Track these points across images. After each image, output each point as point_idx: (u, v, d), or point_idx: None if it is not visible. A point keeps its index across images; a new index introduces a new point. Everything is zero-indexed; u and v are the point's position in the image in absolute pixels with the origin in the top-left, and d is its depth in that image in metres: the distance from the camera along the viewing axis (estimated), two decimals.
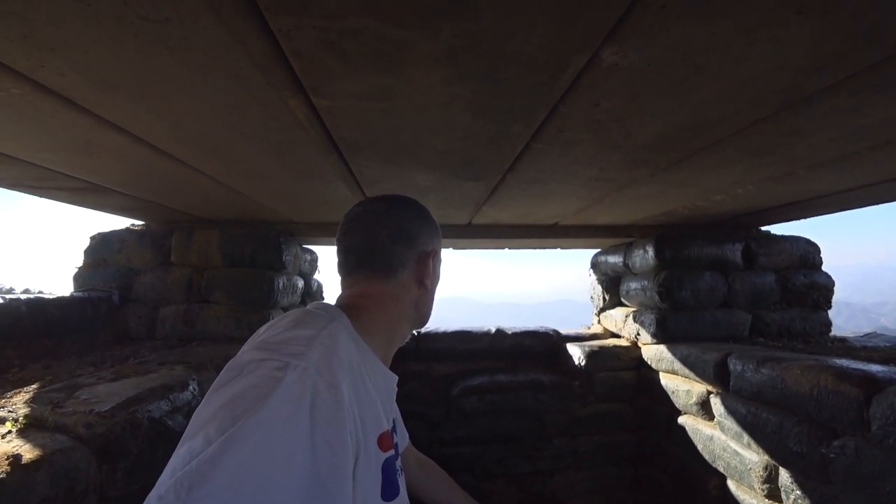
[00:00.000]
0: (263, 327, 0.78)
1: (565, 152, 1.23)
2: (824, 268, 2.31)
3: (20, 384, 1.27)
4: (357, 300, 0.89)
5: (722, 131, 1.10)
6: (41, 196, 1.65)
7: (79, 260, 2.11)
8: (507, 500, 2.14)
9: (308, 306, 0.87)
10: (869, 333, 2.22)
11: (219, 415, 0.56)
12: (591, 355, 2.23)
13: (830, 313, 2.27)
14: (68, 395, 1.17)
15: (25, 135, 1.10)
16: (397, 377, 0.99)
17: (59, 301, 1.72)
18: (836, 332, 2.27)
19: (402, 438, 1.22)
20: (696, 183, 1.53)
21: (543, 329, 2.54)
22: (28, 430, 0.98)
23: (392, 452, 0.83)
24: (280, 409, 0.57)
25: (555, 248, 2.58)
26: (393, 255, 0.86)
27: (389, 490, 0.80)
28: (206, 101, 0.92)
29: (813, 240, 2.30)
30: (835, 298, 2.27)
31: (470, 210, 1.91)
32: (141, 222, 2.18)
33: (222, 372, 0.65)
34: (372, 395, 0.78)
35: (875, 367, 1.29)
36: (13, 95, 0.88)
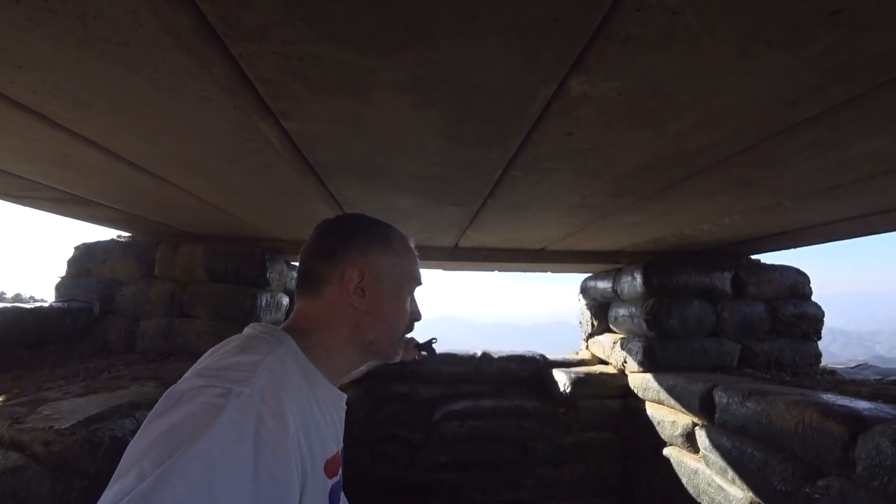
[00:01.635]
0: (206, 353, 0.75)
1: (543, 179, 1.22)
2: (821, 295, 2.28)
3: None
4: (295, 321, 0.87)
5: (702, 162, 1.09)
6: (26, 205, 1.65)
7: (63, 269, 2.10)
8: None
9: (253, 329, 0.83)
10: (860, 364, 2.18)
11: (154, 447, 0.52)
12: (577, 382, 2.19)
13: (825, 340, 2.24)
14: (31, 410, 1.14)
15: (3, 147, 1.10)
16: (346, 395, 0.95)
17: (37, 311, 1.70)
18: (830, 359, 2.24)
19: None
20: (682, 212, 1.52)
21: (530, 354, 2.51)
22: None
23: (338, 478, 0.80)
24: (221, 439, 0.54)
25: (544, 271, 2.56)
26: (313, 272, 0.84)
27: None
28: (179, 122, 0.92)
29: (808, 267, 2.28)
30: (830, 326, 2.26)
31: (455, 233, 1.91)
32: (127, 234, 2.18)
33: (160, 401, 0.61)
34: (319, 421, 0.76)
35: (862, 404, 1.25)
36: None
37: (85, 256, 2.06)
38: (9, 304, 1.62)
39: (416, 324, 0.94)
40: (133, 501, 0.47)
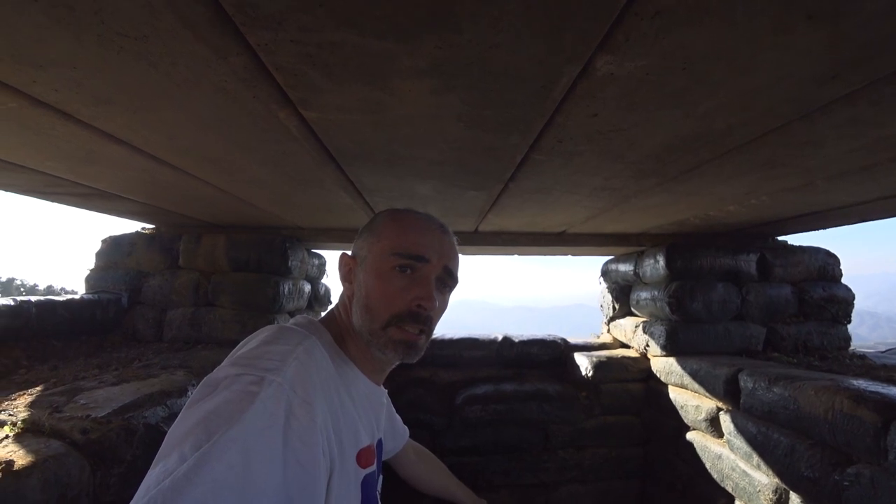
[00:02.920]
0: (240, 344, 0.78)
1: (567, 163, 1.19)
2: (850, 276, 2.20)
3: (25, 386, 1.30)
4: (331, 312, 0.93)
5: (731, 142, 1.05)
6: (52, 201, 1.69)
7: (92, 262, 2.16)
8: None
9: (289, 321, 0.88)
10: (891, 348, 2.12)
11: (194, 432, 0.56)
12: (599, 366, 2.18)
13: (853, 323, 2.17)
14: (68, 399, 1.19)
15: (29, 145, 1.12)
16: (385, 391, 0.99)
17: (69, 303, 1.75)
18: (858, 342, 2.17)
19: (398, 439, 1.24)
20: (708, 193, 1.48)
21: (551, 337, 2.50)
22: (25, 435, 1.00)
23: (373, 468, 0.82)
24: (255, 425, 0.57)
25: (564, 255, 2.54)
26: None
27: None
28: (197, 114, 0.92)
29: (836, 248, 2.21)
30: (859, 308, 2.16)
31: (474, 218, 1.89)
32: (151, 226, 2.22)
33: (198, 388, 0.65)
34: (350, 412, 0.78)
35: (895, 391, 1.22)
36: (11, 109, 0.90)
37: (112, 249, 2.12)
38: (42, 298, 1.68)
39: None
40: (176, 481, 0.50)
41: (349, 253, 0.91)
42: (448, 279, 0.86)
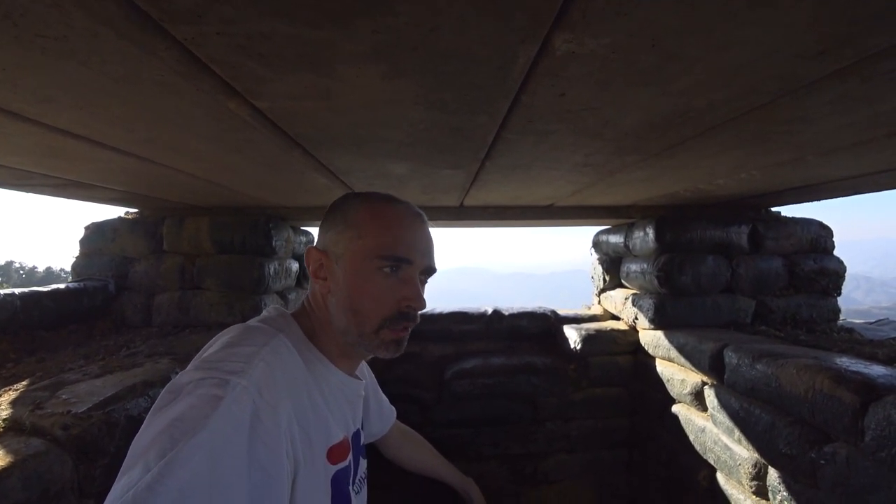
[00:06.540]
0: (206, 345, 0.77)
1: (541, 141, 1.15)
2: (846, 241, 2.20)
3: (12, 380, 1.31)
4: (303, 304, 0.91)
5: (713, 119, 1.00)
6: (28, 192, 1.66)
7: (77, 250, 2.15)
8: (499, 480, 2.16)
9: (254, 319, 0.86)
10: (881, 320, 2.10)
11: (158, 440, 0.55)
12: (588, 339, 2.18)
13: (848, 287, 2.16)
14: (51, 395, 1.20)
15: None
16: (363, 382, 0.98)
17: (55, 293, 1.75)
18: (853, 305, 2.20)
19: (385, 421, 1.25)
20: (695, 168, 1.43)
21: (541, 310, 2.50)
22: (6, 434, 1.01)
23: (345, 464, 0.82)
24: (221, 430, 0.57)
25: (554, 226, 2.50)
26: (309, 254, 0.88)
27: (339, 502, 0.81)
28: (147, 108, 0.88)
29: (833, 213, 2.28)
30: (856, 272, 2.17)
31: (457, 194, 1.85)
32: (134, 210, 2.19)
33: (161, 394, 0.65)
34: (321, 410, 0.77)
35: (877, 370, 1.20)
36: None
37: (95, 236, 2.10)
38: (27, 290, 1.67)
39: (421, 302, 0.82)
40: (140, 491, 0.49)
41: (317, 247, 0.88)
42: (427, 275, 0.87)
